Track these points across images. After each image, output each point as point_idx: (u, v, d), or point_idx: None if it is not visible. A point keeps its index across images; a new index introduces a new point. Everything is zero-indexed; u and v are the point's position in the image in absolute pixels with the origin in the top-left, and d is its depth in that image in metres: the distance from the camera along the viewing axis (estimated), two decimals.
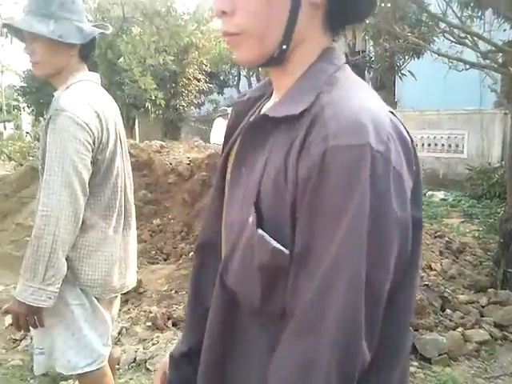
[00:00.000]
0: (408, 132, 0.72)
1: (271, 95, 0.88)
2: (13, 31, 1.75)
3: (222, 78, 14.63)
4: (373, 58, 9.16)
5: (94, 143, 1.62)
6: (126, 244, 1.85)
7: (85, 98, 1.63)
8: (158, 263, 4.82)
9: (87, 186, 1.62)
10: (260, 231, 0.70)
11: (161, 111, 11.14)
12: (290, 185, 0.69)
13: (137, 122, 13.44)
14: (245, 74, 13.03)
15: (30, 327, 1.64)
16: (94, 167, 1.66)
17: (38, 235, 1.54)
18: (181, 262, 4.84)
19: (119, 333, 3.31)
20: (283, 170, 0.70)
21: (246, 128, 0.80)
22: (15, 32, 1.74)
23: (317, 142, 0.66)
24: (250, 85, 12.49)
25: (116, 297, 1.93)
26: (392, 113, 0.72)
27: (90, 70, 1.77)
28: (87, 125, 1.59)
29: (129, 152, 4.00)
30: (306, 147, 0.67)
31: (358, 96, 0.71)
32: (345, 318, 0.64)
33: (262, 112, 0.80)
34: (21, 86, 16.34)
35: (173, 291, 4.18)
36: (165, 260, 5.01)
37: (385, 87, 9.61)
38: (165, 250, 5.14)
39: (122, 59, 5.78)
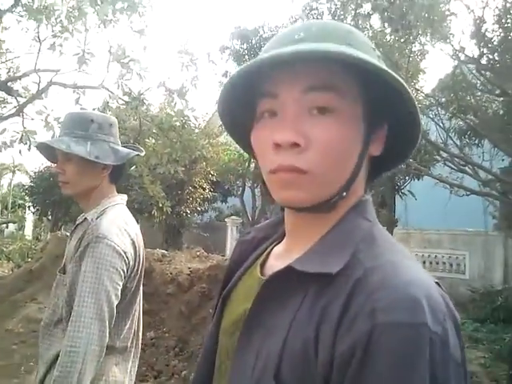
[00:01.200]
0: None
1: (281, 238, 0.80)
2: (43, 150, 1.80)
3: (226, 187, 15.03)
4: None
5: (127, 271, 1.59)
6: (133, 373, 1.75)
7: (122, 225, 1.61)
8: (147, 381, 4.54)
9: (114, 316, 1.54)
10: None
11: (164, 217, 11.29)
12: (323, 361, 0.58)
13: (139, 226, 13.53)
14: (249, 185, 13.40)
15: None
16: (121, 295, 1.59)
17: (64, 375, 1.41)
18: (172, 381, 4.56)
19: None
20: (313, 341, 0.60)
21: (267, 281, 0.68)
22: (45, 150, 1.79)
23: (362, 316, 0.56)
24: (253, 196, 12.78)
25: None
26: (438, 284, 0.63)
27: None
28: (125, 253, 1.56)
29: None
30: (347, 319, 0.58)
31: (404, 264, 0.62)
32: None
33: (284, 264, 0.67)
34: (29, 186, 16.73)
35: None
36: (155, 378, 4.72)
37: (385, 205, 9.83)
38: (156, 367, 4.86)
39: (133, 167, 5.98)
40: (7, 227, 18.99)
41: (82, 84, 5.66)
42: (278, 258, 0.76)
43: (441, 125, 5.21)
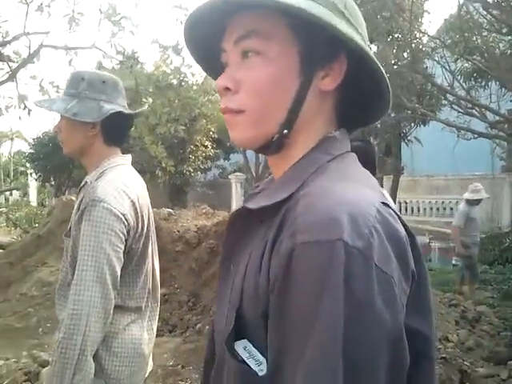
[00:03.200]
0: (407, 226, 0.64)
1: None
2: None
3: (228, 144, 14.94)
4: (379, 126, 9.35)
5: (128, 233, 1.57)
6: (151, 330, 1.77)
7: (121, 186, 1.58)
8: (163, 335, 4.63)
9: (118, 279, 1.55)
10: (234, 346, 0.64)
11: (168, 177, 11.29)
12: (263, 286, 0.61)
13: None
14: None
15: None
16: (127, 257, 1.59)
17: (68, 336, 1.44)
18: (187, 334, 4.66)
19: None
20: (258, 271, 0.63)
21: (230, 220, 0.75)
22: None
23: (286, 239, 0.59)
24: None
25: None
26: (387, 205, 0.63)
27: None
28: (124, 215, 1.54)
29: None
30: (277, 245, 0.60)
31: (341, 187, 0.62)
32: None
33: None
34: (29, 153, 16.67)
35: (179, 366, 3.99)
36: (170, 332, 4.83)
37: (391, 153, 9.75)
38: (170, 322, 4.96)
39: (133, 128, 5.89)
40: (11, 195, 19.09)
41: (74, 45, 5.49)
42: None
43: (447, 67, 5.05)
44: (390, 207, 0.63)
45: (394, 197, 9.31)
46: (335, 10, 0.68)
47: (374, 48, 7.38)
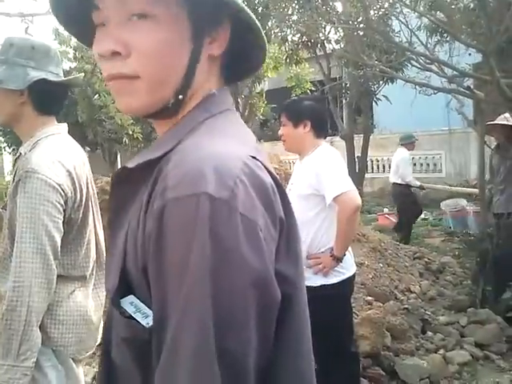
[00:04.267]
0: (274, 176, 0.67)
1: None
2: None
3: None
4: (348, 84, 9.35)
5: (66, 203, 1.56)
6: (98, 297, 1.78)
7: (55, 156, 1.55)
8: None
9: (59, 249, 1.54)
10: (121, 302, 0.66)
11: (142, 145, 11.20)
12: (141, 245, 0.63)
13: (119, 156, 13.44)
14: None
15: None
16: (67, 227, 1.59)
17: (11, 308, 1.44)
18: None
19: None
20: (137, 230, 0.65)
21: (112, 181, 0.75)
22: None
23: (158, 197, 0.60)
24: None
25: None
26: (255, 158, 0.66)
27: (68, 109, 1.68)
28: (60, 186, 1.52)
29: (106, 189, 3.97)
30: (150, 203, 0.62)
31: (210, 143, 0.64)
32: None
33: None
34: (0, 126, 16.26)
35: None
36: None
37: (362, 112, 9.80)
38: None
39: (97, 96, 5.80)
40: None
41: (29, 12, 5.33)
42: None
43: (409, 26, 5.05)
44: (259, 160, 0.66)
45: (365, 155, 9.42)
46: None
47: (339, 6, 7.31)
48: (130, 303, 0.66)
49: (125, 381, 0.72)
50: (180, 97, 0.71)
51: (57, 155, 1.57)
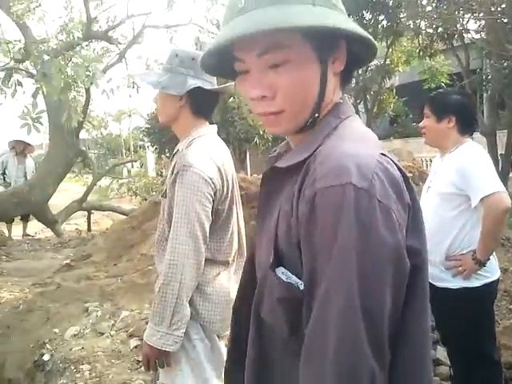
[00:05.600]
0: (402, 170, 0.80)
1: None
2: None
3: None
4: (490, 76, 8.62)
5: (215, 195, 1.76)
6: (238, 282, 1.96)
7: (208, 153, 1.77)
8: None
9: (207, 234, 1.75)
10: (275, 271, 0.82)
11: (270, 144, 11.54)
12: (294, 226, 0.79)
13: (248, 154, 13.99)
14: (351, 101, 12.98)
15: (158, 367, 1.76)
16: (214, 216, 1.78)
17: (166, 282, 1.67)
18: None
19: None
20: (290, 214, 0.81)
21: (262, 179, 0.94)
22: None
23: (308, 187, 0.77)
24: (356, 112, 12.39)
25: None
26: (385, 155, 0.80)
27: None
28: (211, 179, 1.72)
29: (239, 185, 4.21)
30: (302, 192, 0.78)
31: (346, 144, 0.80)
32: (344, 342, 0.70)
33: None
34: (146, 128, 17.89)
35: None
36: None
37: (505, 106, 8.96)
38: None
39: (231, 99, 6.13)
40: (132, 167, 20.77)
41: (173, 23, 5.81)
42: None
43: None
44: (388, 157, 0.81)
45: (509, 153, 8.60)
46: (331, 5, 0.82)
47: None
48: (282, 273, 0.83)
49: (272, 333, 0.89)
50: (316, 115, 0.86)
51: (209, 152, 1.78)
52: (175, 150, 1.92)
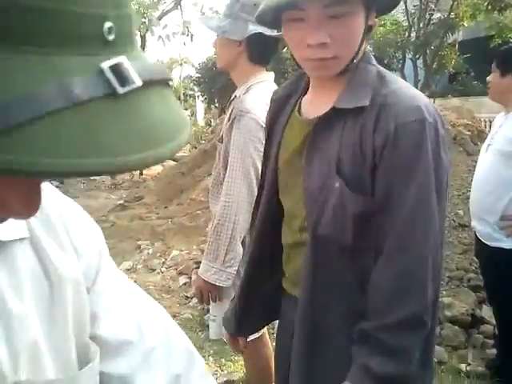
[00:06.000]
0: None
1: (304, 91, 1.14)
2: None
3: (385, 61, 14.19)
4: None
5: None
6: None
7: (265, 100, 1.74)
8: None
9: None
10: (350, 191, 0.98)
11: None
12: (368, 153, 0.97)
13: None
14: (410, 56, 12.48)
15: (211, 301, 1.86)
16: None
17: (221, 222, 1.74)
18: None
19: None
20: (358, 144, 0.98)
21: (320, 119, 1.03)
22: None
23: (389, 121, 0.95)
24: (415, 68, 11.93)
25: None
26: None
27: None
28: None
29: None
30: (380, 125, 0.96)
31: (406, 87, 1.02)
32: (429, 240, 0.95)
33: (318, 109, 1.05)
34: (196, 77, 17.94)
35: None
36: None
37: None
38: None
39: (285, 49, 6.02)
40: None
41: None
42: (311, 105, 1.10)
43: None
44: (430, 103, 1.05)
45: None
46: None
47: None
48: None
49: (326, 248, 1.04)
50: (354, 60, 1.01)
51: (266, 99, 1.72)
52: (232, 97, 1.94)
